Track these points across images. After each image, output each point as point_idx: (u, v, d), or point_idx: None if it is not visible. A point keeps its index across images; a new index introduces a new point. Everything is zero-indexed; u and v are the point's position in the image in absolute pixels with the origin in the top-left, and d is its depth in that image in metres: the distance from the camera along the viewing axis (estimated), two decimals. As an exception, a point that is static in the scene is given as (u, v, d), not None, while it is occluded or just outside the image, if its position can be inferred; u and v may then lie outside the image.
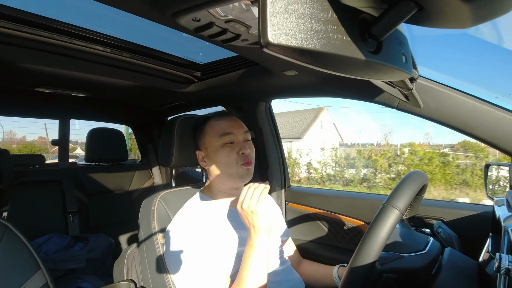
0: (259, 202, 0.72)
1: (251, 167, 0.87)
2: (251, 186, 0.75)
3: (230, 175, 0.85)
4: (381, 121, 29.31)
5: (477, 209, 0.97)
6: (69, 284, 1.42)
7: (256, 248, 0.73)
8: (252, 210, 0.72)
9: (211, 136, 0.87)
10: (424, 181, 0.68)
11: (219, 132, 0.86)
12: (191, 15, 0.55)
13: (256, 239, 0.73)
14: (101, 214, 1.84)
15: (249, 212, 0.72)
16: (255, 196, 0.73)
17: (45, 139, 19.85)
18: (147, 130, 2.21)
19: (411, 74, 0.47)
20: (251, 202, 0.72)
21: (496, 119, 0.77)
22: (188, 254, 0.76)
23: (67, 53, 0.95)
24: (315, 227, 1.30)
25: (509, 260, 0.46)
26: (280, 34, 0.27)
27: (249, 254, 0.73)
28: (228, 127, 0.87)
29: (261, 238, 0.73)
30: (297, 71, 0.96)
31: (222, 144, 0.85)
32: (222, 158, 0.85)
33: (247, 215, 0.73)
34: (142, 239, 0.92)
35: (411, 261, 0.66)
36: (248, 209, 0.72)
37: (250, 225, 0.73)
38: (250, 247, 0.73)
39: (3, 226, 0.73)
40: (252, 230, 0.73)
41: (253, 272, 0.71)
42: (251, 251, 0.73)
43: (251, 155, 0.88)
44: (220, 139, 0.85)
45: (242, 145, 0.85)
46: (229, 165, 0.84)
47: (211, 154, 0.87)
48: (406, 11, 0.32)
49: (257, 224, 0.72)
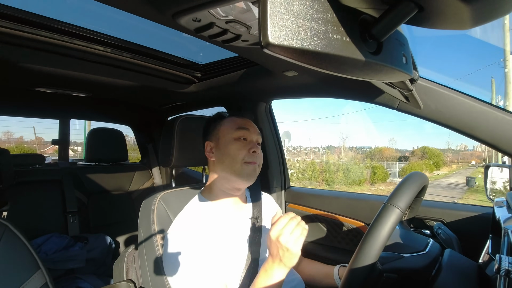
0: (297, 243, 0.66)
1: (258, 168, 0.87)
2: (294, 219, 0.69)
3: (234, 171, 0.84)
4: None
5: (477, 211, 0.97)
6: (68, 284, 1.41)
7: (273, 277, 0.69)
8: (288, 247, 0.65)
9: (227, 127, 0.89)
10: (424, 182, 0.68)
11: (236, 125, 0.88)
12: (192, 15, 0.55)
13: (277, 270, 0.69)
14: (101, 214, 1.84)
15: (285, 248, 0.65)
16: (295, 234, 0.66)
17: (42, 139, 19.96)
18: (147, 130, 2.21)
19: (411, 75, 0.47)
20: (289, 239, 0.65)
21: (496, 120, 0.77)
22: (186, 259, 0.75)
23: (67, 53, 0.95)
24: (315, 228, 1.30)
25: (509, 262, 0.45)
26: (280, 35, 0.27)
27: (263, 281, 0.69)
28: (245, 123, 0.89)
29: (282, 271, 0.69)
30: (298, 72, 0.96)
31: (236, 137, 0.86)
32: (232, 151, 0.85)
33: (278, 248, 0.67)
34: (142, 240, 0.92)
35: (412, 261, 0.66)
36: (285, 245, 0.65)
37: (277, 257, 0.68)
38: (266, 275, 0.69)
39: (3, 226, 0.73)
40: (277, 262, 0.68)
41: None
42: (266, 279, 0.69)
43: (260, 157, 0.89)
44: (236, 132, 0.87)
45: (254, 144, 0.87)
46: (236, 160, 0.84)
47: (222, 145, 0.87)
48: (406, 12, 0.32)
49: (285, 260, 0.67)
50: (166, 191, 0.97)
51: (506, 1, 0.29)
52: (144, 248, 0.90)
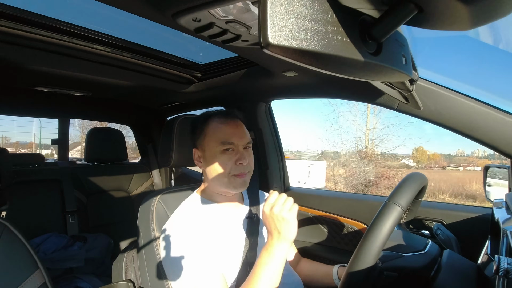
0: (292, 210, 0.70)
1: (247, 178, 0.86)
2: (282, 194, 0.72)
3: (223, 184, 0.84)
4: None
5: (476, 212, 0.97)
6: (67, 283, 1.41)
7: (274, 256, 0.69)
8: (283, 216, 0.68)
9: (211, 140, 0.84)
10: (423, 182, 0.68)
11: (220, 139, 0.83)
12: (192, 15, 0.55)
13: (277, 246, 0.69)
14: (100, 214, 1.83)
15: (280, 217, 0.68)
16: (288, 204, 0.70)
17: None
18: (146, 130, 2.21)
19: (411, 76, 0.48)
20: (283, 208, 0.69)
21: (496, 121, 0.77)
22: (183, 254, 0.75)
23: (67, 53, 0.95)
24: (315, 228, 1.30)
25: (507, 262, 0.45)
26: (280, 35, 0.27)
27: (265, 261, 0.69)
28: (230, 135, 0.83)
29: (283, 246, 0.70)
30: (297, 72, 0.96)
31: (221, 150, 0.82)
32: (218, 166, 0.82)
33: (275, 220, 0.69)
34: (141, 240, 0.92)
35: (411, 260, 0.66)
36: (280, 214, 0.68)
37: (275, 231, 0.69)
38: (268, 254, 0.70)
39: (2, 225, 0.73)
40: (276, 236, 0.69)
41: (267, 280, 0.68)
42: (268, 258, 0.69)
43: (250, 164, 0.86)
44: (220, 146, 0.83)
45: (241, 154, 0.83)
46: (223, 174, 0.82)
47: (208, 157, 0.85)
48: (406, 13, 0.32)
49: (284, 231, 0.68)
50: (165, 191, 0.97)
51: (506, 2, 0.29)
52: (143, 248, 0.90)
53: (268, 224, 0.71)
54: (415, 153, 12.41)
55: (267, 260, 0.69)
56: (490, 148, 0.80)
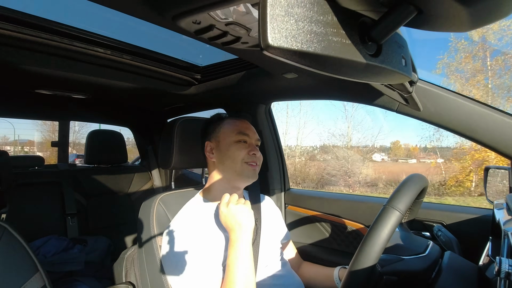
0: (246, 203, 0.78)
1: (257, 169, 0.91)
2: (234, 194, 0.80)
3: (235, 171, 0.88)
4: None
5: (477, 213, 0.96)
6: (67, 286, 1.41)
7: (241, 249, 0.73)
8: (241, 208, 0.76)
9: (228, 130, 0.91)
10: (423, 184, 0.68)
11: (237, 130, 0.91)
12: (192, 17, 0.55)
13: (241, 238, 0.73)
14: (100, 216, 1.83)
15: (238, 210, 0.75)
16: (241, 199, 0.79)
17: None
18: (147, 132, 2.21)
19: (411, 77, 0.48)
20: (239, 202, 0.77)
21: (495, 122, 0.77)
22: (186, 255, 0.75)
23: (67, 55, 0.95)
24: (315, 230, 1.29)
25: (509, 264, 0.45)
26: (280, 37, 0.27)
27: (235, 256, 0.72)
28: (245, 128, 0.92)
29: (247, 237, 0.74)
30: (297, 74, 0.97)
31: (236, 140, 0.89)
32: (232, 152, 0.88)
33: (234, 214, 0.75)
34: (141, 242, 0.91)
35: (411, 264, 0.66)
36: (237, 207, 0.76)
37: (236, 225, 0.74)
38: (235, 249, 0.73)
39: (2, 228, 0.73)
40: (238, 229, 0.74)
41: (242, 277, 0.70)
42: (237, 252, 0.72)
43: (260, 158, 0.92)
44: (236, 136, 0.90)
45: (254, 147, 0.90)
46: (237, 161, 0.87)
47: (222, 147, 0.90)
48: (405, 14, 0.32)
49: (245, 222, 0.74)
50: (165, 193, 0.97)
51: (505, 3, 0.29)
52: (144, 251, 0.90)
53: (229, 220, 0.76)
54: (392, 146, 12.97)
55: (237, 255, 0.72)
56: (490, 149, 0.80)
